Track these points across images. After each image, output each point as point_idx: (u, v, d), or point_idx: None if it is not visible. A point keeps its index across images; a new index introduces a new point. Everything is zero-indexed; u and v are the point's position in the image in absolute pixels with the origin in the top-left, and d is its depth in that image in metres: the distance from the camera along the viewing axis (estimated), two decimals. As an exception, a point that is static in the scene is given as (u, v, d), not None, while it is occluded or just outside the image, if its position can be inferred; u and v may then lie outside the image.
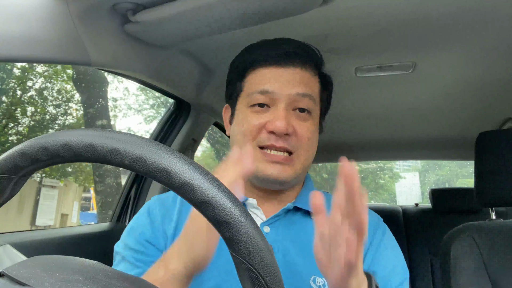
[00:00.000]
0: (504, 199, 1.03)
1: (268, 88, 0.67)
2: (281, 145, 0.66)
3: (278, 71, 0.69)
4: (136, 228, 0.69)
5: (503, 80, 1.24)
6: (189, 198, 0.32)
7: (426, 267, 1.95)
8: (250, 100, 0.69)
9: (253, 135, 0.68)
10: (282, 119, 0.65)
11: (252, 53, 0.72)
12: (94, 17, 0.79)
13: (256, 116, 0.68)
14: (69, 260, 0.36)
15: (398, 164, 20.34)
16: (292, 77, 0.68)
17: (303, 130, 0.68)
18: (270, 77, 0.68)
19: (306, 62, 0.70)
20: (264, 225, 0.68)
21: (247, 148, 0.59)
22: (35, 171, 0.37)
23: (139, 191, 1.45)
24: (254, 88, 0.69)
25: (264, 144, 0.67)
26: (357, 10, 0.85)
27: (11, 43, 0.66)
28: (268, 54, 0.70)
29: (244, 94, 0.71)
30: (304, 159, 0.69)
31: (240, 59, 0.75)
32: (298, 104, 0.68)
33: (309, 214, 0.70)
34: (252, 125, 0.68)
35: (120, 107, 9.69)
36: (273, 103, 0.68)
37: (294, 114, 0.68)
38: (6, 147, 5.90)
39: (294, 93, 0.67)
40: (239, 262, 0.33)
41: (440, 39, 0.99)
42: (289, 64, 0.69)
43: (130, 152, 0.32)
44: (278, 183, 0.68)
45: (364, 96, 1.47)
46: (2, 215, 5.75)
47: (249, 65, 0.71)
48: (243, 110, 0.71)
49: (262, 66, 0.70)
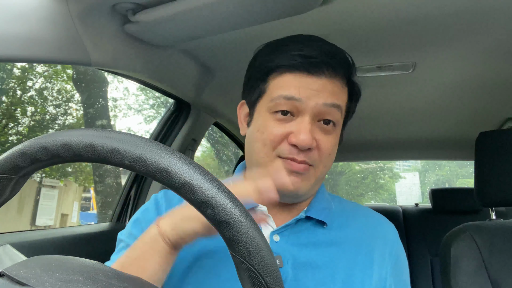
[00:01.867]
0: (504, 199, 1.03)
1: (295, 95, 0.62)
2: (302, 159, 0.62)
3: (307, 80, 0.63)
4: (143, 220, 0.68)
5: (503, 80, 1.24)
6: (189, 198, 0.32)
7: (426, 267, 1.95)
8: (273, 106, 0.64)
9: (274, 145, 0.63)
10: (307, 133, 0.60)
11: (278, 54, 0.66)
12: (94, 17, 0.79)
13: (279, 125, 0.63)
14: (69, 260, 0.36)
15: (398, 164, 20.33)
16: (322, 87, 0.63)
17: (327, 145, 0.64)
18: (297, 84, 0.63)
19: (338, 71, 0.65)
20: (274, 234, 0.66)
21: (267, 181, 0.54)
22: (35, 171, 0.36)
23: (139, 191, 1.45)
24: (279, 93, 0.63)
25: (285, 156, 0.63)
26: (357, 10, 0.85)
27: (11, 43, 0.66)
28: (296, 60, 0.63)
29: (267, 97, 0.66)
30: (321, 172, 0.66)
31: (263, 58, 0.69)
32: (324, 116, 0.63)
33: (321, 224, 0.68)
34: (274, 135, 0.63)
35: (120, 107, 9.69)
36: (298, 113, 0.63)
37: (318, 126, 0.64)
38: (6, 147, 5.90)
39: (321, 102, 0.62)
40: (239, 262, 0.33)
41: (440, 39, 0.99)
42: (319, 73, 0.63)
43: (130, 152, 0.32)
44: (291, 196, 0.65)
45: (364, 96, 1.46)
46: (2, 215, 5.74)
47: (275, 68, 0.65)
48: (264, 114, 0.66)
49: (289, 71, 0.64)
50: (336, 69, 0.64)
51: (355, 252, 0.65)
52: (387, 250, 0.68)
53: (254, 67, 0.70)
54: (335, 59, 0.65)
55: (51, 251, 1.03)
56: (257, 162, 0.66)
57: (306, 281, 0.62)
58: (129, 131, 1.58)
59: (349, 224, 0.70)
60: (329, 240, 0.66)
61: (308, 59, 0.63)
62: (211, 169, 10.81)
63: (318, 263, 0.63)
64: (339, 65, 0.65)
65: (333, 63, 0.64)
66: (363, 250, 0.66)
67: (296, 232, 0.67)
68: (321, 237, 0.67)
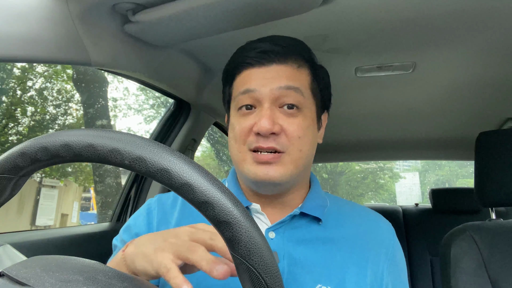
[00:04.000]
0: (504, 199, 1.03)
1: (249, 87, 0.66)
2: (268, 145, 0.63)
3: (260, 70, 0.66)
4: (133, 227, 0.69)
5: (503, 80, 1.24)
6: (189, 198, 0.32)
7: (426, 267, 1.95)
8: (237, 103, 0.68)
9: (243, 138, 0.66)
10: (266, 118, 0.62)
11: (237, 57, 0.71)
12: (94, 17, 0.79)
13: (244, 119, 0.66)
14: (69, 260, 0.36)
15: (398, 164, 20.36)
16: (275, 73, 0.66)
17: (293, 127, 0.64)
18: (253, 77, 0.67)
19: (287, 56, 0.67)
20: (269, 231, 0.66)
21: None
22: (35, 171, 0.36)
23: (139, 191, 1.45)
24: (239, 90, 0.68)
25: (253, 147, 0.64)
26: (357, 10, 0.85)
27: (11, 43, 0.66)
28: (248, 55, 0.68)
29: (233, 98, 0.70)
30: (297, 157, 0.65)
31: (227, 65, 0.74)
32: (284, 100, 0.65)
33: (316, 220, 0.68)
34: (241, 129, 0.66)
35: (120, 107, 9.70)
36: (258, 103, 0.66)
37: (282, 111, 0.65)
38: (6, 147, 5.90)
39: (275, 87, 0.64)
40: (239, 262, 0.33)
41: (440, 39, 0.99)
42: (271, 62, 0.66)
43: (130, 152, 0.32)
44: (270, 184, 0.65)
45: (364, 96, 1.47)
46: (2, 215, 5.75)
47: (236, 69, 0.70)
48: (234, 114, 0.70)
49: (245, 68, 0.68)
50: (287, 54, 0.67)
51: (350, 250, 0.66)
52: (383, 249, 0.68)
53: (223, 75, 0.75)
54: (284, 46, 0.68)
55: (51, 251, 1.03)
56: (235, 160, 0.69)
57: (301, 277, 0.62)
58: (129, 131, 1.58)
59: (345, 222, 0.71)
60: (324, 237, 0.67)
61: (260, 53, 0.67)
62: (211, 169, 10.81)
63: (313, 260, 0.63)
64: (289, 50, 0.68)
65: (282, 50, 0.67)
66: (358, 248, 0.66)
67: (291, 229, 0.67)
68: (316, 234, 0.67)
